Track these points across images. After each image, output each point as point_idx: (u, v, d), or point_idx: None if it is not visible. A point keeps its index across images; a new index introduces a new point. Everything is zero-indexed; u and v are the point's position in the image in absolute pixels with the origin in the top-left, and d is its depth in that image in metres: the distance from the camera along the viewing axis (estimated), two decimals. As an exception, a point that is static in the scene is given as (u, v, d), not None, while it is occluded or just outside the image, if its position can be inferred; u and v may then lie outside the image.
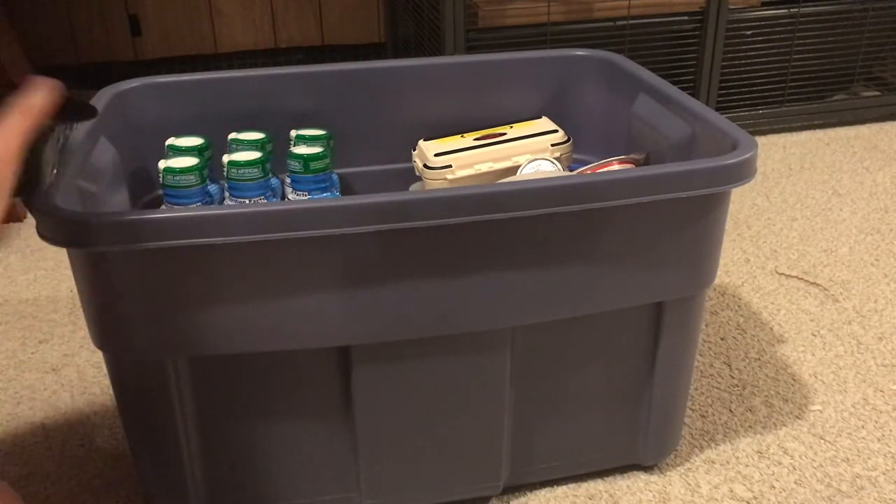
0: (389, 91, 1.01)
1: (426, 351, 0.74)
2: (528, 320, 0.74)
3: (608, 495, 0.87)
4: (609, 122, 1.01)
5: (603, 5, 1.65)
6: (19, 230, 1.45)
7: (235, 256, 0.66)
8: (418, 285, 0.70)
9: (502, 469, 0.83)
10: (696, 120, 0.84)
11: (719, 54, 1.70)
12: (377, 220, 0.65)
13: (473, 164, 0.96)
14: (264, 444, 0.77)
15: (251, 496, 0.79)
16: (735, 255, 1.33)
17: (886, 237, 1.38)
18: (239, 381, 0.73)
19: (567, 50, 1.05)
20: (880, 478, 0.89)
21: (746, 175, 0.73)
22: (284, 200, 0.94)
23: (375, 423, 0.77)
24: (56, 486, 0.89)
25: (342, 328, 0.70)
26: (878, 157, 1.69)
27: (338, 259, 0.67)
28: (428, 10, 1.64)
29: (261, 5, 2.11)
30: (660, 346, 0.81)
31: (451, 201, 0.66)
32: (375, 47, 2.20)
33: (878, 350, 1.10)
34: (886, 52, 1.90)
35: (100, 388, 1.04)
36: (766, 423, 0.97)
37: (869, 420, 0.97)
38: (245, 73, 0.97)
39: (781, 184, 1.58)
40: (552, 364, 0.79)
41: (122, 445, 0.95)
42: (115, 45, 2.08)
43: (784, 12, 1.75)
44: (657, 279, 0.76)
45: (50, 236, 0.64)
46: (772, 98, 1.81)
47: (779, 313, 1.18)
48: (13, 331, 1.16)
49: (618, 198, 0.70)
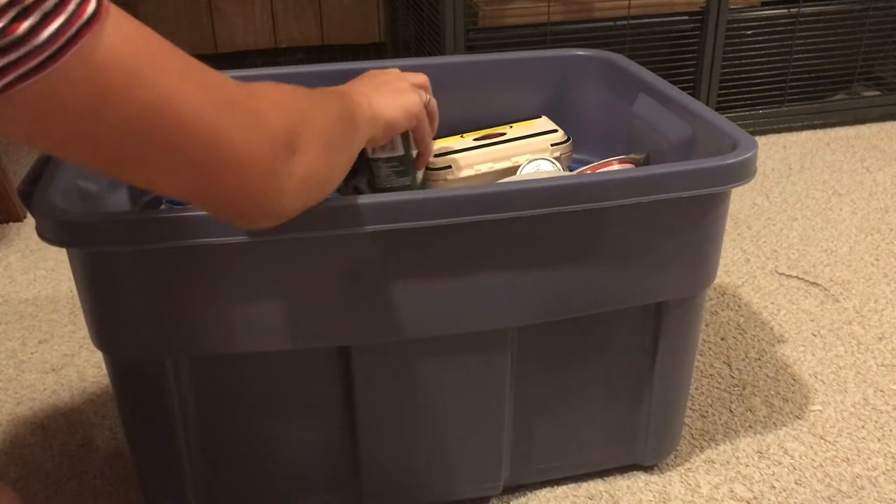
0: (389, 91, 1.01)
1: (426, 351, 0.74)
2: (528, 320, 0.74)
3: (608, 495, 0.87)
4: (609, 122, 1.01)
5: (603, 5, 1.65)
6: (19, 230, 1.45)
7: (235, 256, 0.66)
8: (418, 285, 0.70)
9: (502, 469, 0.83)
10: (696, 120, 0.84)
11: (719, 54, 1.70)
12: (377, 220, 0.65)
13: (473, 164, 0.96)
14: (264, 444, 0.77)
15: (251, 496, 0.79)
16: (735, 255, 1.33)
17: (886, 237, 1.38)
18: (239, 381, 0.73)
19: (567, 50, 1.05)
20: (880, 478, 0.89)
21: (746, 175, 0.73)
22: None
23: (375, 423, 0.77)
24: (56, 486, 0.89)
25: (342, 328, 0.70)
26: (878, 157, 1.69)
27: (338, 259, 0.67)
28: (428, 10, 1.64)
29: (261, 5, 2.11)
30: (660, 346, 0.81)
31: (451, 201, 0.66)
32: (375, 47, 2.20)
33: (878, 350, 1.10)
34: (886, 52, 1.90)
35: (100, 388, 1.04)
36: (766, 423, 0.97)
37: (869, 420, 0.97)
38: (245, 73, 0.97)
39: (781, 184, 1.58)
40: (552, 364, 0.79)
41: (122, 445, 0.95)
42: (115, 45, 2.08)
43: (784, 12, 1.75)
44: (657, 279, 0.76)
45: (50, 236, 0.64)
46: (772, 98, 1.81)
47: (779, 313, 1.18)
48: (13, 331, 1.16)
49: (618, 198, 0.70)
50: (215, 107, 0.49)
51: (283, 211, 0.57)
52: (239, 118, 0.51)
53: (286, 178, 0.54)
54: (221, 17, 2.11)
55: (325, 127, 0.60)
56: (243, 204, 0.54)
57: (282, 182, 0.54)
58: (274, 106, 0.54)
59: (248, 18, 2.12)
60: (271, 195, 0.54)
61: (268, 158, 0.52)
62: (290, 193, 0.56)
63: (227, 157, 0.50)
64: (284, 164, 0.54)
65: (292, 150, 0.54)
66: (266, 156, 0.52)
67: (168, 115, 0.47)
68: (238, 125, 0.50)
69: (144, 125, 0.46)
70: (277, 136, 0.53)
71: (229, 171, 0.51)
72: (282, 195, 0.55)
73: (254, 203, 0.54)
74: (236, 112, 0.51)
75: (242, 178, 0.52)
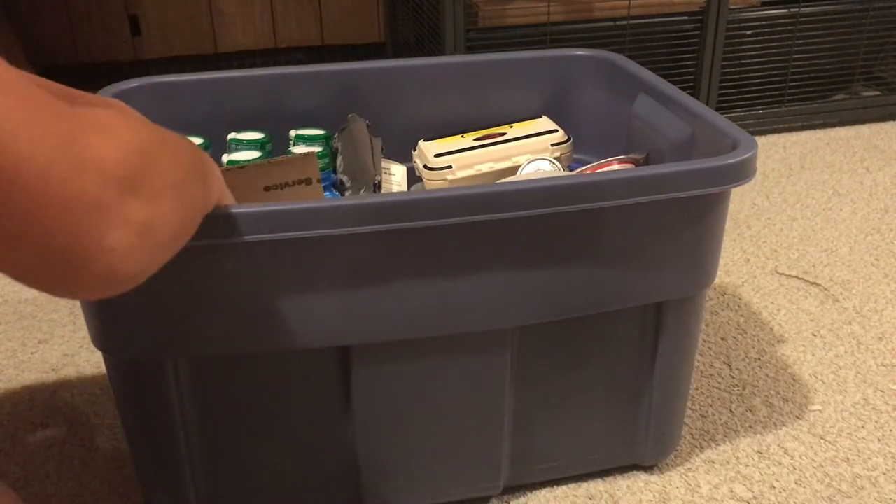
0: (389, 91, 1.01)
1: (426, 351, 0.74)
2: (527, 321, 0.74)
3: (608, 495, 0.87)
4: (609, 122, 1.01)
5: (603, 5, 1.65)
6: (19, 230, 1.45)
7: (235, 256, 0.66)
8: (418, 285, 0.70)
9: (502, 469, 0.83)
10: (696, 120, 0.84)
11: (719, 54, 1.70)
12: (377, 220, 0.65)
13: (473, 164, 0.96)
14: (264, 444, 0.77)
15: (251, 496, 0.79)
16: (735, 255, 1.33)
17: (886, 237, 1.38)
18: (239, 381, 0.73)
19: (567, 50, 1.05)
20: (880, 478, 0.89)
21: (746, 175, 0.73)
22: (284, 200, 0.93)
23: (375, 423, 0.77)
24: (56, 486, 0.89)
25: (342, 328, 0.70)
26: (878, 157, 1.69)
27: (338, 259, 0.67)
28: (428, 10, 1.64)
29: (261, 5, 2.11)
30: (660, 346, 0.81)
31: (451, 201, 0.66)
32: (375, 47, 2.20)
33: (878, 350, 1.10)
34: (886, 52, 1.90)
35: (100, 388, 1.04)
36: (766, 423, 0.97)
37: (869, 420, 0.97)
38: (245, 73, 0.97)
39: (781, 184, 1.58)
40: (552, 364, 0.79)
41: (122, 445, 0.95)
42: (114, 45, 2.08)
43: (784, 12, 1.75)
44: (657, 279, 0.76)
45: (50, 236, 0.64)
46: (772, 98, 1.81)
47: (779, 313, 1.18)
48: (13, 331, 1.16)
49: (618, 198, 0.70)
50: (28, 129, 0.39)
51: (114, 271, 0.44)
52: (58, 144, 0.40)
53: (121, 224, 0.43)
54: (221, 17, 2.11)
55: (177, 170, 0.50)
56: (65, 256, 0.42)
57: (111, 227, 0.42)
58: (107, 135, 0.43)
59: (247, 18, 2.12)
60: (98, 241, 0.42)
61: (93, 194, 0.41)
62: (125, 246, 0.44)
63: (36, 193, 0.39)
64: (118, 204, 0.43)
65: (129, 188, 0.44)
66: (90, 191, 0.41)
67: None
68: (56, 154, 0.40)
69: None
70: (109, 169, 0.43)
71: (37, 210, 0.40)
72: (112, 244, 0.43)
73: (80, 255, 0.42)
74: (56, 137, 0.40)
75: (56, 221, 0.40)
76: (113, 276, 0.44)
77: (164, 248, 0.49)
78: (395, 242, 0.67)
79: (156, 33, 2.09)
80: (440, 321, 0.72)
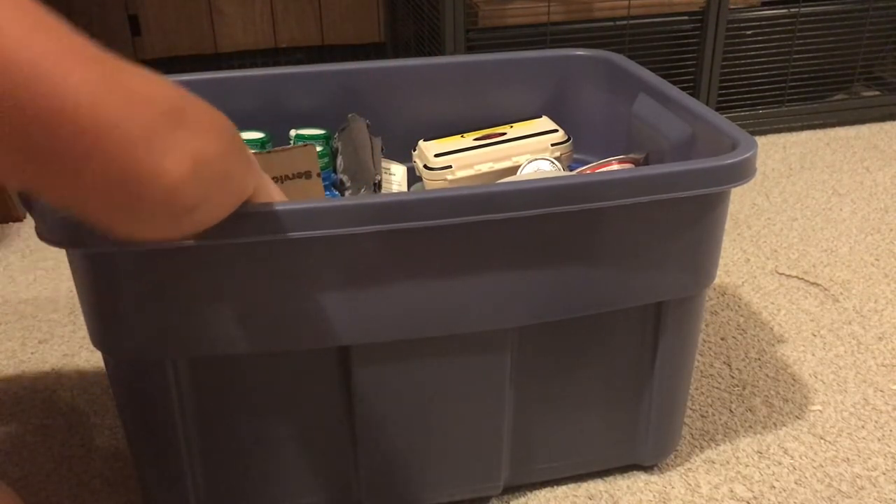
0: (389, 91, 1.01)
1: (426, 351, 0.74)
2: (527, 321, 0.74)
3: (608, 495, 0.87)
4: (609, 122, 1.01)
5: (603, 5, 1.65)
6: (19, 230, 1.45)
7: (234, 256, 0.66)
8: (418, 285, 0.70)
9: (502, 469, 0.83)
10: (696, 120, 0.84)
11: (719, 54, 1.70)
12: (377, 220, 0.65)
13: (473, 164, 0.96)
14: (264, 445, 0.77)
15: (251, 496, 0.79)
16: (735, 255, 1.33)
17: (886, 237, 1.38)
18: (239, 381, 0.73)
19: (567, 50, 1.05)
20: (880, 478, 0.89)
21: (746, 175, 0.73)
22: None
23: (375, 423, 0.77)
24: (56, 486, 0.89)
25: (342, 328, 0.70)
26: (878, 157, 1.69)
27: (338, 259, 0.67)
28: (428, 10, 1.64)
29: (261, 5, 2.11)
30: (660, 346, 0.81)
31: (451, 201, 0.66)
32: (375, 47, 2.20)
33: (878, 350, 1.10)
34: (886, 52, 1.90)
35: (100, 388, 1.04)
36: (766, 423, 0.97)
37: (869, 420, 0.97)
38: (245, 73, 0.97)
39: (781, 184, 1.58)
40: (552, 364, 0.79)
41: (122, 445, 0.95)
42: (115, 45, 2.07)
43: (784, 12, 1.75)
44: (657, 279, 0.76)
45: (49, 237, 0.64)
46: (772, 98, 1.81)
47: (779, 313, 1.18)
48: (13, 331, 1.16)
49: (618, 198, 0.70)
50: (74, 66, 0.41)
51: (173, 197, 0.46)
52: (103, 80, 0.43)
53: (174, 149, 0.45)
54: (221, 18, 2.11)
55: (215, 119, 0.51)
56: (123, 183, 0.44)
57: (165, 152, 0.45)
58: (147, 79, 0.46)
59: (248, 18, 2.12)
60: (154, 166, 0.44)
61: (144, 121, 0.44)
62: (181, 170, 0.45)
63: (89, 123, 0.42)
64: (170, 131, 0.45)
65: (178, 120, 0.46)
66: (141, 119, 0.43)
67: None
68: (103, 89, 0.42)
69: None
70: (156, 102, 0.45)
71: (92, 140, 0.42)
72: (168, 166, 0.45)
73: (136, 180, 0.44)
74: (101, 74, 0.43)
75: (111, 149, 0.42)
76: (172, 203, 0.46)
77: (217, 187, 0.51)
78: (395, 242, 0.67)
79: (156, 33, 2.09)
80: (440, 321, 0.72)
